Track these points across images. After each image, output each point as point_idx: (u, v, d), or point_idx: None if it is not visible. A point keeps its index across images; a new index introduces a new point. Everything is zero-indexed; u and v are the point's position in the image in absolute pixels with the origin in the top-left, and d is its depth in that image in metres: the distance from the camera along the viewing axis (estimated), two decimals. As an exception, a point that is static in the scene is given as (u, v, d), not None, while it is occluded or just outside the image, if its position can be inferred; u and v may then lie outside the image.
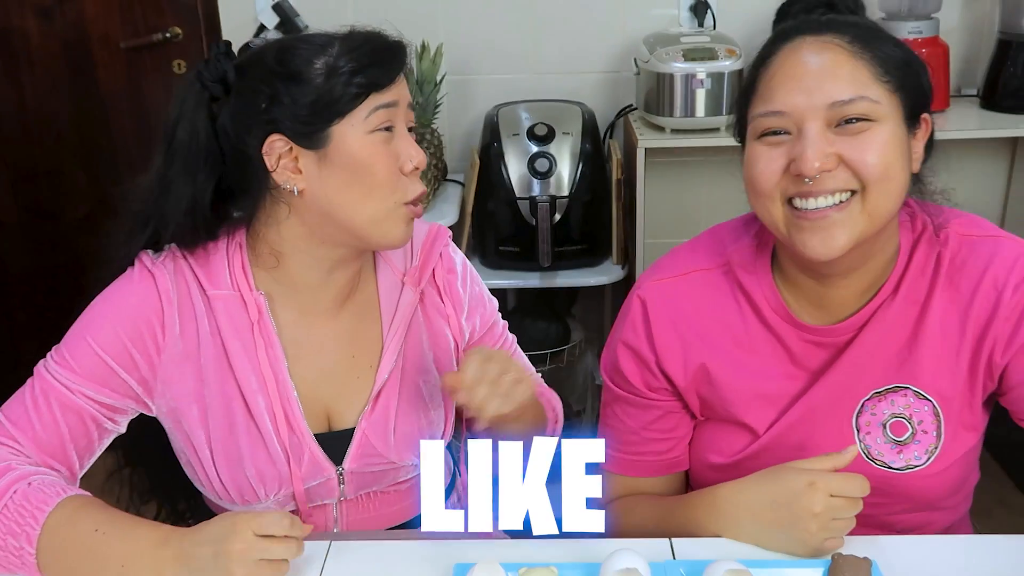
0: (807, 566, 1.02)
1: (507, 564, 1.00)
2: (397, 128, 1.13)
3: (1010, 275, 1.09)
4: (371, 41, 1.13)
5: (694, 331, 1.18)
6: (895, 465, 1.13)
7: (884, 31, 1.08)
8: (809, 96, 1.02)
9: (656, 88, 2.26)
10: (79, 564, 1.02)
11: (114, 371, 1.12)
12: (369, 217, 1.12)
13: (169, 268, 1.16)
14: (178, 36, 2.59)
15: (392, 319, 1.24)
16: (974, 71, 2.52)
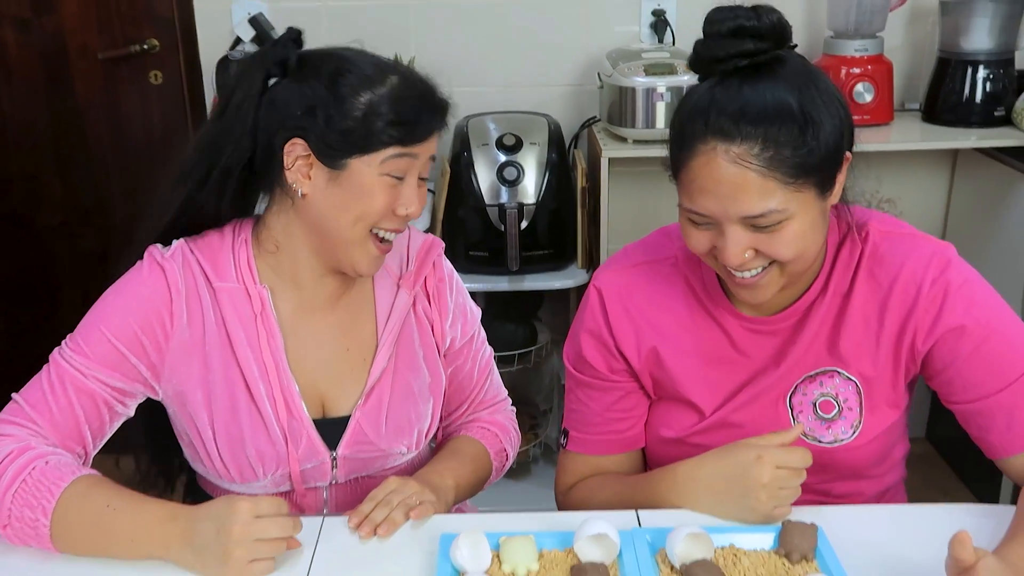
0: (761, 531, 1.12)
1: (488, 534, 1.09)
2: (408, 179, 1.21)
3: (927, 271, 1.19)
4: (419, 97, 1.20)
5: (645, 317, 1.28)
6: (825, 440, 1.25)
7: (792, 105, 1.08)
8: (724, 207, 1.09)
9: (619, 101, 2.35)
10: (90, 537, 1.10)
11: (125, 357, 1.19)
12: (346, 239, 1.21)
13: (178, 261, 1.23)
14: (155, 48, 2.63)
15: (387, 319, 1.32)
16: (916, 87, 2.64)
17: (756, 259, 1.13)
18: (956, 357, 1.19)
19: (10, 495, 1.09)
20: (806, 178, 1.09)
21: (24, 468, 1.10)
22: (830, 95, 1.12)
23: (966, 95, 2.42)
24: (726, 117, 1.07)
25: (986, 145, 2.43)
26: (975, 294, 1.19)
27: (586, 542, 1.07)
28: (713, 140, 1.07)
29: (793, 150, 1.07)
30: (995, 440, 1.19)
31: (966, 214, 2.67)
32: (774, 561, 1.08)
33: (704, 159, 1.08)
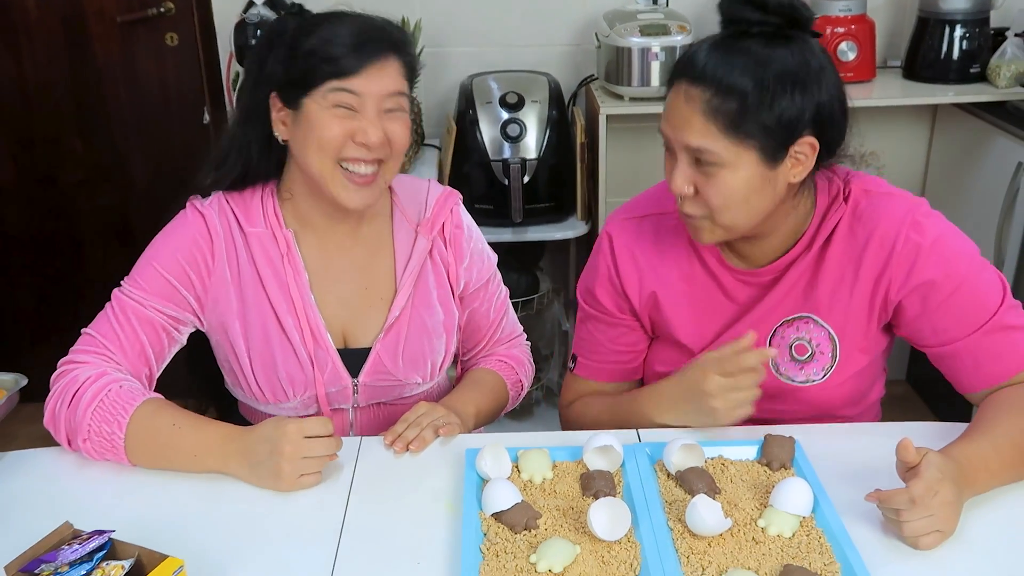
0: (745, 444, 1.27)
1: (508, 448, 1.24)
2: (364, 111, 1.31)
3: (900, 227, 1.29)
4: (353, 33, 1.31)
5: (650, 264, 1.42)
6: (797, 379, 1.38)
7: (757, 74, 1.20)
8: (673, 132, 1.25)
9: (615, 60, 2.45)
10: (159, 449, 1.26)
11: (176, 288, 1.36)
12: (317, 172, 1.33)
13: (215, 209, 1.39)
14: (171, 11, 2.72)
15: (407, 263, 1.46)
16: (898, 45, 2.74)
17: (695, 202, 1.26)
18: (927, 308, 1.29)
19: (90, 412, 1.25)
20: (745, 137, 1.21)
21: (102, 390, 1.26)
22: (816, 86, 1.22)
23: (944, 53, 2.54)
24: (696, 65, 1.23)
25: (963, 100, 2.55)
26: (946, 249, 1.28)
27: (593, 453, 1.23)
28: (682, 80, 1.24)
29: (738, 109, 1.20)
30: (963, 379, 1.30)
31: (945, 166, 2.80)
32: (757, 469, 1.23)
33: (673, 93, 1.26)
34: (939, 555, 1.09)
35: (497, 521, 1.13)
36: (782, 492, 1.13)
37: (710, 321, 1.41)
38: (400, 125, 1.35)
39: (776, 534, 1.11)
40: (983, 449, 1.16)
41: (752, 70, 1.20)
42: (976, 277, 1.29)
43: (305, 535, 1.15)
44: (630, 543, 1.09)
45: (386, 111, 1.33)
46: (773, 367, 1.39)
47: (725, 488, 1.19)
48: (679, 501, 1.16)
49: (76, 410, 1.25)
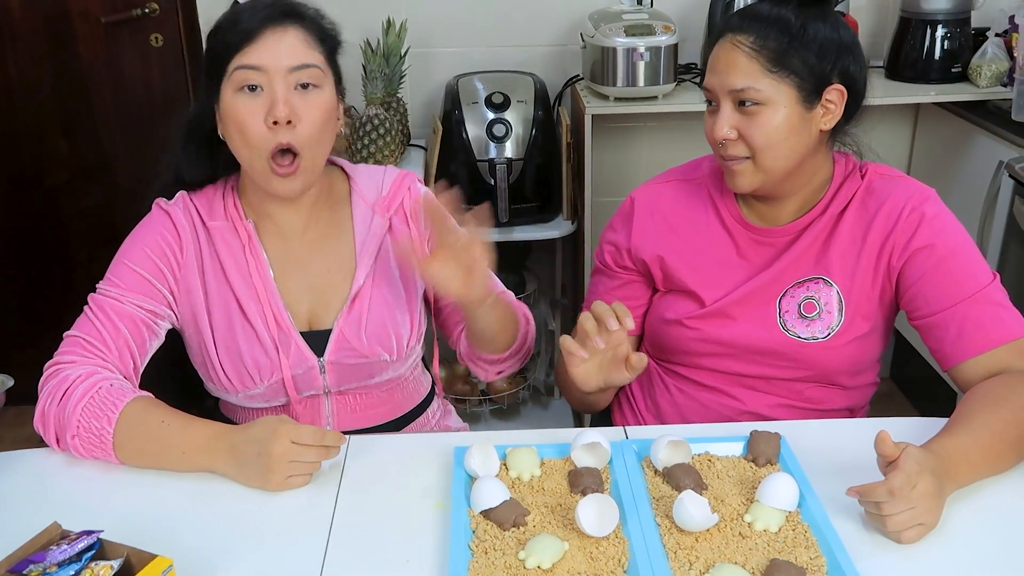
0: (731, 440, 1.28)
1: (496, 446, 1.25)
2: (270, 89, 1.30)
3: (908, 201, 1.39)
4: (245, 8, 1.32)
5: (667, 221, 1.52)
6: (803, 335, 1.44)
7: (792, 21, 1.36)
8: (720, 80, 1.38)
9: (601, 60, 2.46)
10: (147, 446, 1.26)
11: (150, 282, 1.39)
12: (247, 165, 1.35)
13: (180, 207, 1.43)
14: (155, 11, 2.72)
15: (364, 241, 1.47)
16: (880, 45, 2.76)
17: (736, 145, 1.37)
18: (923, 273, 1.36)
19: (79, 409, 1.25)
20: (785, 72, 1.34)
21: (92, 387, 1.27)
22: (847, 33, 1.38)
23: (926, 52, 2.56)
24: (739, 16, 1.39)
25: (944, 100, 2.57)
26: (946, 223, 1.38)
27: (581, 450, 1.24)
28: (728, 33, 1.38)
29: (778, 46, 1.34)
30: (947, 349, 1.34)
31: (928, 164, 2.82)
32: (743, 465, 1.25)
33: (717, 46, 1.39)
34: (923, 548, 1.10)
35: (486, 518, 1.14)
36: (768, 487, 1.15)
37: (723, 276, 1.48)
38: (316, 101, 1.32)
39: (762, 529, 1.12)
40: (964, 442, 1.18)
41: (787, 19, 1.36)
42: (970, 253, 1.38)
43: (294, 534, 1.15)
44: (618, 539, 1.10)
45: (297, 86, 1.31)
46: (780, 323, 1.45)
47: (712, 484, 1.20)
48: (666, 497, 1.17)
49: (65, 407, 1.26)
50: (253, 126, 1.31)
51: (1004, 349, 1.30)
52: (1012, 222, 2.22)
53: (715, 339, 1.47)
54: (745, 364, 1.47)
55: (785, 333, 1.44)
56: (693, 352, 1.50)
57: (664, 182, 1.56)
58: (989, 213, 2.33)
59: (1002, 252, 2.29)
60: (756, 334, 1.45)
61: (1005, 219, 2.26)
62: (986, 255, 2.33)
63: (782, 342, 1.44)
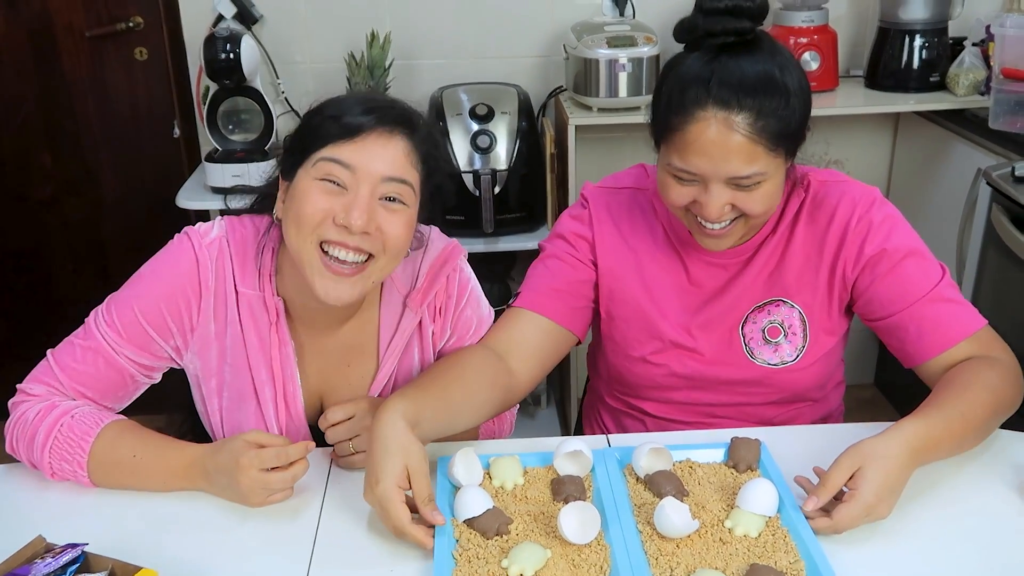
0: (712, 447, 1.29)
1: (479, 455, 1.25)
2: (355, 191, 1.19)
3: (854, 211, 1.37)
4: (351, 100, 1.24)
5: (622, 233, 1.44)
6: (772, 361, 1.42)
7: (777, 79, 1.23)
8: (715, 167, 1.23)
9: (583, 72, 2.47)
10: (127, 481, 1.25)
11: (153, 339, 1.30)
12: (295, 249, 1.23)
13: (213, 257, 1.29)
14: (139, 25, 2.72)
15: (390, 340, 1.37)
16: (860, 54, 2.79)
17: (730, 213, 1.28)
18: (875, 278, 1.35)
19: (47, 452, 1.23)
20: (784, 144, 1.25)
21: (54, 426, 1.23)
22: (797, 67, 1.28)
23: (905, 62, 2.59)
24: (727, 88, 1.21)
25: (923, 108, 2.60)
26: (894, 227, 1.37)
27: (564, 459, 1.25)
28: (713, 108, 1.21)
29: (777, 120, 1.22)
30: (908, 349, 1.35)
31: (908, 172, 2.85)
32: (724, 471, 1.26)
33: (703, 124, 1.22)
34: (901, 550, 1.12)
35: (469, 527, 1.14)
36: (748, 493, 1.16)
37: (678, 304, 1.43)
38: (398, 219, 1.21)
39: (743, 534, 1.13)
40: (936, 428, 1.19)
41: (773, 78, 1.23)
42: (919, 252, 1.37)
43: (279, 545, 1.16)
44: (600, 546, 1.11)
45: (383, 198, 1.21)
46: (747, 353, 1.42)
47: (693, 490, 1.21)
48: (648, 504, 1.18)
49: (32, 451, 1.23)
50: (320, 215, 1.19)
51: (964, 344, 1.32)
52: (990, 228, 2.25)
53: (683, 374, 1.44)
54: (715, 395, 1.46)
55: (753, 361, 1.42)
56: (662, 387, 1.47)
57: (616, 188, 1.47)
58: (968, 220, 2.35)
59: (980, 258, 2.31)
60: (724, 367, 1.43)
61: (983, 226, 2.28)
62: (965, 261, 2.36)
63: (752, 371, 1.42)
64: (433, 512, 1.11)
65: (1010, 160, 2.25)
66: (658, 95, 1.30)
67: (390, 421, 1.14)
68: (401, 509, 1.09)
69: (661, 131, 1.28)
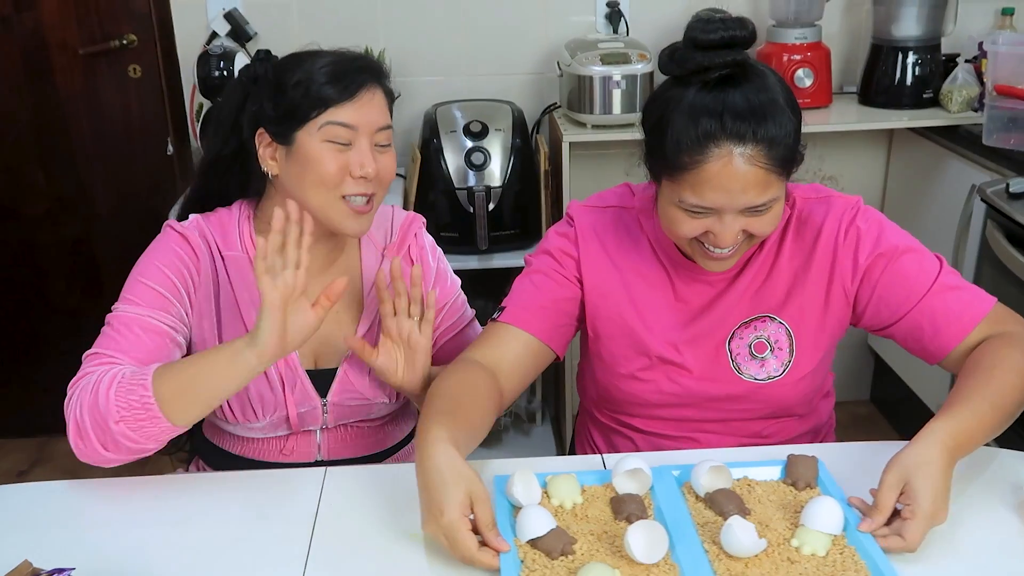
0: (769, 464, 1.27)
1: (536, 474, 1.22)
2: (357, 144, 1.35)
3: (840, 224, 1.38)
4: (338, 63, 1.36)
5: (608, 252, 1.43)
6: (758, 376, 1.42)
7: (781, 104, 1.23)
8: (732, 200, 1.23)
9: (577, 89, 2.48)
10: (191, 384, 1.25)
11: (168, 299, 1.37)
12: (317, 205, 1.36)
13: (195, 231, 1.42)
14: (133, 43, 2.71)
15: (372, 285, 1.48)
16: (853, 71, 2.80)
17: (741, 237, 1.28)
18: (877, 284, 1.36)
19: (112, 392, 1.23)
20: (791, 166, 1.26)
21: (116, 375, 1.26)
22: (784, 83, 1.27)
23: (898, 79, 2.60)
24: (741, 122, 1.20)
25: (917, 125, 2.61)
26: (882, 229, 1.37)
27: (623, 477, 1.22)
28: (728, 143, 1.20)
29: (785, 147, 1.23)
30: (929, 347, 1.34)
31: (902, 189, 2.85)
32: (783, 489, 1.24)
33: (721, 161, 1.21)
34: (970, 564, 1.12)
35: (533, 548, 1.12)
36: (813, 511, 1.14)
37: (665, 321, 1.43)
38: (389, 158, 1.40)
39: (810, 553, 1.11)
40: (968, 422, 1.19)
41: (778, 108, 1.23)
42: (913, 248, 1.37)
43: (269, 569, 1.14)
44: (668, 565, 1.10)
45: (377, 145, 1.37)
46: (735, 368, 1.42)
47: (754, 509, 1.19)
48: (711, 523, 1.17)
49: (98, 400, 1.24)
50: (338, 175, 1.34)
51: (980, 327, 1.32)
52: (985, 245, 2.25)
53: (670, 391, 1.44)
54: (703, 411, 1.45)
55: (740, 376, 1.42)
56: (649, 404, 1.46)
57: (601, 207, 1.47)
58: (962, 237, 2.35)
59: (976, 275, 2.31)
60: (712, 383, 1.42)
61: (978, 242, 2.28)
62: (960, 278, 2.35)
63: (739, 386, 1.42)
64: (498, 538, 1.10)
65: (1004, 176, 2.25)
66: (659, 131, 1.27)
67: (441, 450, 1.14)
68: (469, 538, 1.08)
69: (667, 168, 1.26)
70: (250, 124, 1.38)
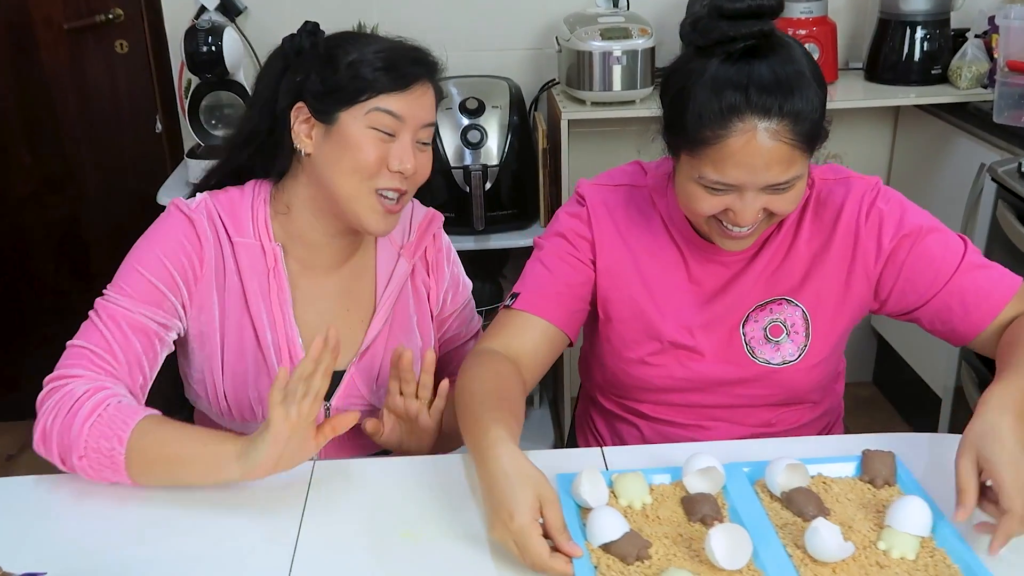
0: (843, 460, 1.22)
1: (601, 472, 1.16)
2: (400, 137, 1.29)
3: (861, 206, 1.34)
4: (397, 50, 1.31)
5: (622, 235, 1.39)
6: (773, 360, 1.38)
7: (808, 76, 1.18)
8: (755, 177, 1.18)
9: (577, 64, 2.42)
10: (165, 463, 1.18)
11: (163, 293, 1.30)
12: (347, 194, 1.29)
13: (203, 214, 1.34)
14: (120, 17, 2.65)
15: (387, 285, 1.42)
16: (860, 46, 2.74)
17: (761, 215, 1.24)
18: (903, 266, 1.32)
19: (87, 427, 1.17)
20: (816, 142, 1.21)
21: (100, 404, 1.18)
22: (810, 56, 1.22)
23: (905, 54, 2.54)
24: (767, 95, 1.15)
25: (925, 102, 2.54)
26: (904, 210, 1.34)
27: (695, 475, 1.16)
28: (753, 118, 1.15)
29: (811, 122, 1.18)
30: (959, 328, 1.31)
31: (908, 167, 2.80)
32: (860, 487, 1.18)
33: (745, 136, 1.16)
34: None
35: (606, 552, 1.06)
36: (899, 512, 1.08)
37: (678, 304, 1.38)
38: (427, 158, 1.34)
39: (899, 556, 1.06)
40: (1018, 383, 1.14)
41: (805, 81, 1.17)
42: (937, 229, 1.34)
43: (252, 569, 1.09)
44: (751, 571, 1.04)
45: (418, 142, 1.32)
46: (748, 351, 1.37)
47: (833, 508, 1.14)
48: (790, 524, 1.12)
49: (72, 425, 1.17)
50: (376, 164, 1.28)
51: (1011, 305, 1.30)
52: (995, 226, 2.19)
53: (681, 376, 1.39)
54: (714, 396, 1.41)
55: (754, 360, 1.38)
56: (658, 389, 1.41)
57: (612, 185, 1.41)
58: (971, 217, 2.30)
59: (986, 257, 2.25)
60: (725, 366, 1.38)
61: (988, 224, 2.23)
62: (969, 260, 2.30)
63: (752, 370, 1.38)
64: (570, 543, 1.05)
65: (1015, 155, 2.19)
66: (679, 105, 1.21)
67: (505, 450, 1.10)
68: (541, 543, 1.03)
69: (688, 143, 1.21)
70: (288, 95, 1.31)
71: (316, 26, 1.34)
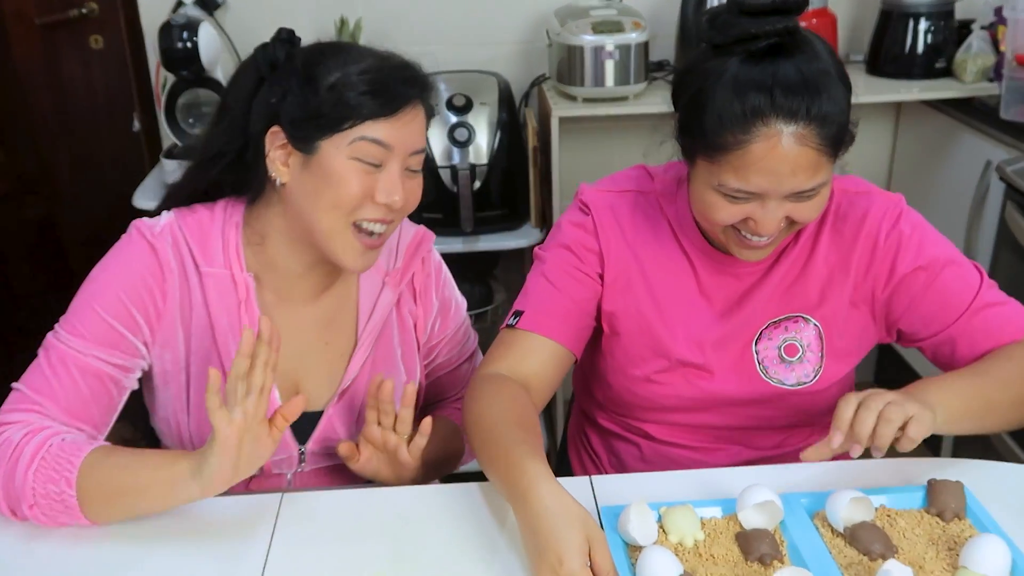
0: (907, 491, 1.14)
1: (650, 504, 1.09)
2: (388, 167, 1.17)
3: (881, 225, 1.26)
4: (380, 71, 1.16)
5: (627, 239, 1.30)
6: (787, 381, 1.30)
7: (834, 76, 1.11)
8: (779, 184, 1.11)
9: (567, 59, 2.34)
10: (118, 497, 1.09)
11: (121, 334, 1.19)
12: (325, 229, 1.18)
13: (167, 240, 1.22)
14: (94, 12, 2.58)
15: (369, 316, 1.31)
16: (861, 39, 2.66)
17: (782, 224, 1.17)
18: (914, 297, 1.26)
19: (31, 474, 1.08)
20: (841, 146, 1.14)
21: (41, 446, 1.10)
22: (834, 53, 1.15)
23: (908, 47, 2.46)
24: (793, 97, 1.07)
25: (928, 97, 2.47)
26: (925, 238, 1.27)
27: (751, 510, 1.09)
28: (779, 122, 1.08)
29: (839, 124, 1.11)
30: (959, 363, 1.25)
31: (910, 165, 2.72)
32: (928, 520, 1.11)
33: (770, 142, 1.08)
34: None
35: None
36: (976, 552, 1.00)
37: (688, 319, 1.30)
38: (416, 185, 1.22)
39: None
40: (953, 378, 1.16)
41: (831, 81, 1.10)
42: (955, 260, 1.27)
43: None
44: None
45: (407, 169, 1.20)
46: (761, 371, 1.30)
47: (901, 545, 1.06)
48: (855, 564, 1.04)
49: (15, 474, 1.09)
50: (359, 198, 1.17)
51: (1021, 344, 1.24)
52: (1003, 227, 2.11)
53: (689, 395, 1.31)
54: (721, 417, 1.33)
55: (768, 381, 1.30)
56: (663, 408, 1.34)
57: (618, 191, 1.33)
58: (976, 217, 2.22)
59: (992, 259, 2.18)
60: (736, 386, 1.30)
61: (995, 224, 2.15)
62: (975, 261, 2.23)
63: (766, 391, 1.30)
64: None
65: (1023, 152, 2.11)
66: (696, 107, 1.14)
67: (550, 488, 1.01)
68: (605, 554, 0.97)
69: (706, 148, 1.14)
70: (263, 118, 1.18)
71: (292, 34, 1.22)
